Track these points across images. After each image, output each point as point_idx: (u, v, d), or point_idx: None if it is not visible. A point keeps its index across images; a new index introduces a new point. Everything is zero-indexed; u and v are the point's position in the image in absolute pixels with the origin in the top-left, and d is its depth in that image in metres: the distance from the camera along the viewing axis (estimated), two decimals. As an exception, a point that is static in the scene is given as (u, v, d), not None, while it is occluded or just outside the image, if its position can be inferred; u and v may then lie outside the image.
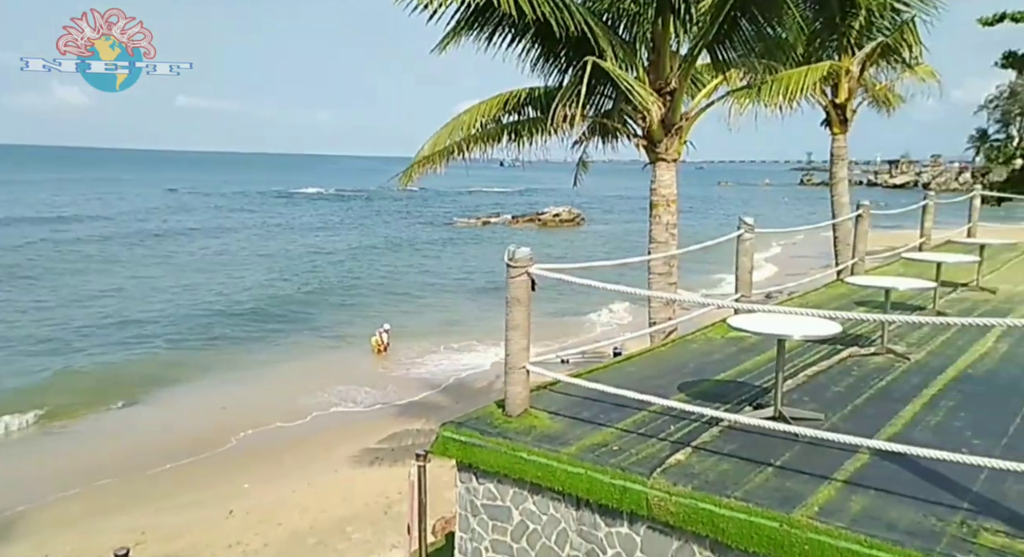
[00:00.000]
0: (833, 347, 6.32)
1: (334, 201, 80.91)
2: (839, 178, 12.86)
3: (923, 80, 12.38)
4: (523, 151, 8.60)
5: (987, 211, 37.76)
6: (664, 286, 8.45)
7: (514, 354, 4.59)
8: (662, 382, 5.46)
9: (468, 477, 4.51)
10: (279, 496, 11.57)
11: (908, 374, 5.62)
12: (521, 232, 54.38)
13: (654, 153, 8.44)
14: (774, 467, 3.91)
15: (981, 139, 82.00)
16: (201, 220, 55.40)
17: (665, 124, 8.26)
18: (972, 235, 13.89)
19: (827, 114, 12.48)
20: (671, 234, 8.52)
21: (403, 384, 17.43)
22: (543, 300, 24.34)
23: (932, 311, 7.58)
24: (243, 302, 26.17)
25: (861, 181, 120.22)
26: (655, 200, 8.56)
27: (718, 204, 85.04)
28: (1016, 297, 8.70)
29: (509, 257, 4.47)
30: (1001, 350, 6.30)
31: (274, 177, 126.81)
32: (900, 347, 6.29)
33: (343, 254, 39.58)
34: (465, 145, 8.55)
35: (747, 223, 6.91)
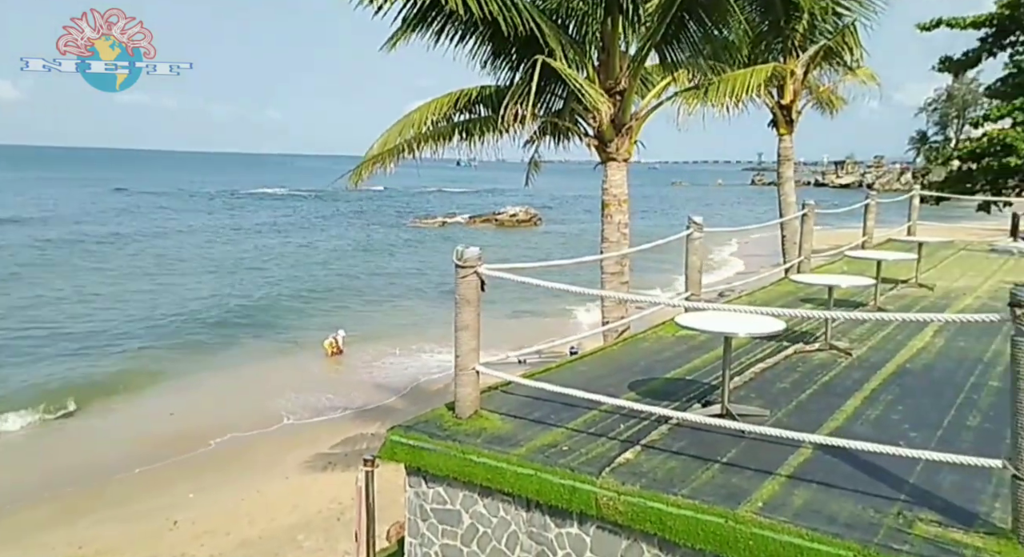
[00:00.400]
0: (779, 344, 6.44)
1: (288, 201, 79.66)
2: (786, 178, 13.17)
3: (864, 82, 12.76)
4: (475, 150, 8.57)
5: (927, 210, 39.04)
6: (617, 285, 8.52)
7: (464, 355, 4.55)
8: (613, 381, 5.49)
9: (417, 481, 4.46)
10: (227, 505, 11.32)
11: (850, 369, 5.75)
12: (478, 232, 54.31)
13: (605, 153, 8.50)
14: (720, 464, 3.95)
15: (921, 141, 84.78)
16: (150, 222, 53.91)
17: (615, 124, 8.33)
18: (912, 233, 14.34)
19: (774, 115, 12.76)
20: (623, 234, 8.60)
21: (357, 387, 17.24)
22: (528, 300, 24.47)
23: (873, 307, 7.80)
24: (192, 308, 25.57)
25: (809, 181, 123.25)
26: (607, 200, 8.62)
27: (674, 204, 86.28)
28: (952, 293, 9.00)
29: (458, 257, 4.44)
30: (938, 344, 6.51)
31: (225, 177, 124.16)
32: (843, 343, 6.45)
33: (296, 256, 39.01)
34: (415, 144, 8.49)
35: (696, 222, 7.00)
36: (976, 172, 29.96)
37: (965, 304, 8.35)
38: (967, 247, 13.36)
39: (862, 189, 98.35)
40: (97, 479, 12.23)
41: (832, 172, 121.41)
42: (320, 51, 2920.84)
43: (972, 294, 8.93)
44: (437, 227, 56.90)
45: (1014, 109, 28.13)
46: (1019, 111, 27.99)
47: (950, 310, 8.03)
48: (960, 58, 31.77)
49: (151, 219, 56.43)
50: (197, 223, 54.34)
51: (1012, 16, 28.18)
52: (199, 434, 14.09)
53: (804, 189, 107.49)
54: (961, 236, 31.98)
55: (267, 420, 15.00)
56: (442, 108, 8.52)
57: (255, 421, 14.84)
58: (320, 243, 45.05)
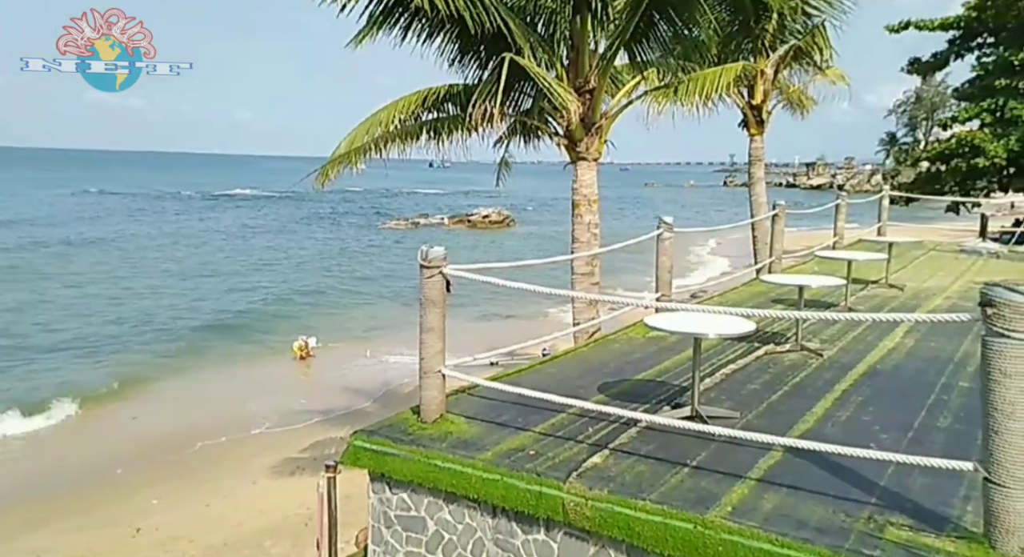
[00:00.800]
0: (750, 345, 6.39)
1: (261, 203, 78.66)
2: (757, 178, 13.19)
3: (834, 83, 12.81)
4: (443, 150, 8.44)
5: (897, 211, 39.59)
6: (587, 286, 8.44)
7: (429, 358, 4.43)
8: (583, 383, 5.40)
9: (381, 487, 4.33)
10: (191, 511, 11.07)
11: (821, 370, 5.71)
12: (451, 234, 54.04)
13: (575, 152, 8.42)
14: (690, 467, 3.87)
15: (891, 142, 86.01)
16: (120, 225, 52.83)
17: (585, 123, 8.24)
18: (882, 234, 14.46)
19: (744, 116, 12.78)
20: (593, 234, 8.52)
21: (328, 391, 17.00)
22: (501, 302, 24.38)
23: (844, 308, 7.80)
24: (160, 314, 25.09)
25: (781, 183, 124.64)
26: (577, 200, 8.53)
27: (648, 205, 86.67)
28: (922, 293, 9.05)
29: (423, 257, 4.32)
30: (908, 345, 6.50)
31: (196, 178, 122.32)
32: (814, 344, 6.42)
33: (267, 260, 38.52)
34: (382, 143, 8.33)
35: (666, 223, 6.94)
36: (945, 173, 30.35)
37: (935, 304, 8.38)
38: (937, 247, 13.50)
39: (833, 190, 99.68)
40: (61, 487, 11.91)
41: (803, 174, 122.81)
42: (294, 50, 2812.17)
43: (942, 294, 8.98)
44: (409, 229, 56.55)
45: (982, 111, 28.51)
46: (987, 112, 28.38)
47: (920, 310, 8.06)
48: (928, 60, 32.18)
49: (121, 222, 55.31)
50: (169, 227, 53.21)
51: (979, 18, 28.60)
52: (166, 440, 13.79)
53: (776, 190, 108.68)
54: (931, 236, 32.39)
55: (235, 425, 14.72)
56: (410, 106, 8.37)
57: (222, 426, 14.55)
58: (291, 246, 44.48)
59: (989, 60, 29.99)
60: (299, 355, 19.80)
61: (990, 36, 30.40)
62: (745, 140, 13.30)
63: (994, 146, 27.00)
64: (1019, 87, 26.43)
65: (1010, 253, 12.74)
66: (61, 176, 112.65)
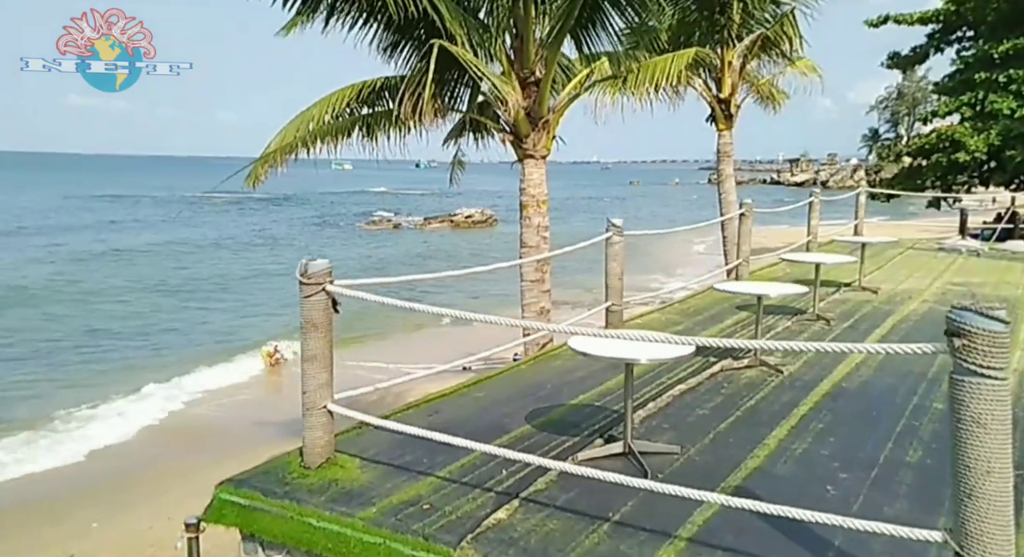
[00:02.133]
0: (705, 360, 5.78)
1: (245, 205, 77.06)
2: (726, 175, 12.55)
3: (805, 74, 12.21)
4: (377, 147, 7.78)
5: (878, 207, 39.30)
6: (537, 294, 7.81)
7: (312, 391, 3.77)
8: (511, 409, 4.75)
9: (253, 548, 3.66)
10: (133, 533, 10.32)
11: (780, 390, 5.10)
12: (432, 235, 53.26)
13: (521, 149, 7.79)
14: (612, 522, 3.24)
15: (873, 138, 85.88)
16: (111, 233, 51.36)
17: (531, 117, 7.61)
18: (859, 232, 13.90)
19: (712, 110, 12.16)
20: (543, 237, 7.88)
21: (290, 401, 16.24)
22: (478, 304, 23.68)
23: (812, 315, 7.20)
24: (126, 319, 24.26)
25: (765, 179, 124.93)
26: (524, 201, 7.89)
27: (633, 203, 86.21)
28: (897, 296, 8.47)
29: (301, 272, 3.66)
30: (878, 358, 5.90)
31: (175, 181, 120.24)
32: (774, 358, 5.81)
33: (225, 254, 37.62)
34: (311, 140, 7.64)
35: (615, 225, 6.31)
36: (925, 169, 30.00)
37: (910, 309, 7.81)
38: (915, 246, 12.97)
39: (816, 186, 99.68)
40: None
41: (787, 170, 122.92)
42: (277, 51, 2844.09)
43: (918, 297, 8.41)
44: (388, 230, 55.76)
45: (962, 105, 28.14)
46: (967, 107, 28.00)
47: (895, 316, 7.48)
48: (908, 54, 31.81)
49: (112, 229, 53.78)
50: (157, 237, 51.42)
51: (958, 12, 28.23)
52: (112, 456, 13.02)
53: (760, 187, 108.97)
54: (911, 233, 31.98)
55: (193, 437, 13.95)
56: (344, 101, 7.70)
57: (179, 439, 13.79)
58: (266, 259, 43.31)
59: (969, 54, 29.65)
60: (269, 362, 18.97)
61: (969, 30, 30.05)
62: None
63: (974, 140, 26.64)
64: (999, 81, 26.04)
65: (990, 251, 12.22)
66: (48, 178, 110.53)
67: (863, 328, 6.92)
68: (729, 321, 7.20)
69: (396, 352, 19.37)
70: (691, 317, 7.43)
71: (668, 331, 6.80)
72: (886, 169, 56.38)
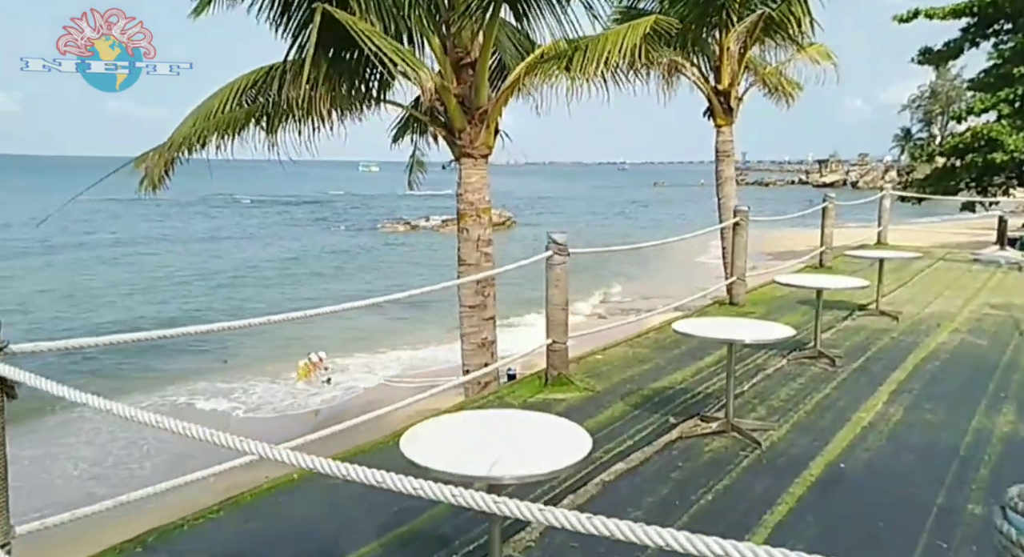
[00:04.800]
0: (663, 419, 4.43)
1: (275, 208, 76.27)
2: (725, 177, 11.05)
3: (817, 62, 10.67)
4: (276, 144, 6.52)
5: (909, 209, 37.27)
6: (478, 323, 6.50)
7: None
8: (334, 526, 3.45)
9: None
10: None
11: (753, 472, 3.73)
12: (447, 237, 52.06)
13: (457, 146, 6.49)
14: None
15: (905, 138, 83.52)
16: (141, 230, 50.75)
17: (466, 107, 6.31)
18: (883, 239, 12.43)
19: (709, 103, 10.70)
20: (484, 253, 6.56)
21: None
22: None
23: (814, 350, 5.78)
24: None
25: (794, 180, 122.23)
26: (462, 209, 6.58)
27: (654, 207, 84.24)
28: (923, 324, 7.01)
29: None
30: (894, 418, 4.50)
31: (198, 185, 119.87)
32: (751, 419, 4.45)
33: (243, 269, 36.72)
34: (206, 136, 6.39)
35: (556, 243, 4.97)
36: (959, 169, 28.16)
37: (938, 342, 6.35)
38: (946, 257, 11.40)
39: (845, 187, 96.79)
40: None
41: (816, 171, 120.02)
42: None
43: (949, 325, 6.94)
44: (406, 232, 54.76)
45: (999, 101, 26.30)
46: (1005, 103, 26.16)
47: (919, 351, 6.04)
48: (941, 49, 29.99)
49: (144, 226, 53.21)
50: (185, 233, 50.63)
51: (994, 3, 26.38)
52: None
53: (788, 188, 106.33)
54: (946, 237, 30.06)
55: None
56: (241, 89, 6.43)
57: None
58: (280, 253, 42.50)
59: (1007, 47, 27.80)
60: (303, 374, 17.19)
61: (1007, 22, 28.22)
62: (759, 136, 11.33)
63: (1013, 139, 24.84)
64: (1040, 75, 24.24)
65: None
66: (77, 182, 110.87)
67: (876, 370, 5.50)
68: (709, 359, 5.80)
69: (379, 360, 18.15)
70: (663, 352, 6.05)
71: (627, 373, 5.45)
72: (919, 169, 54.22)
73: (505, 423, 2.75)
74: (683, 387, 5.13)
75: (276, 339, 19.80)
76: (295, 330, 19.35)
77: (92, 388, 2.28)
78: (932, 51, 30.81)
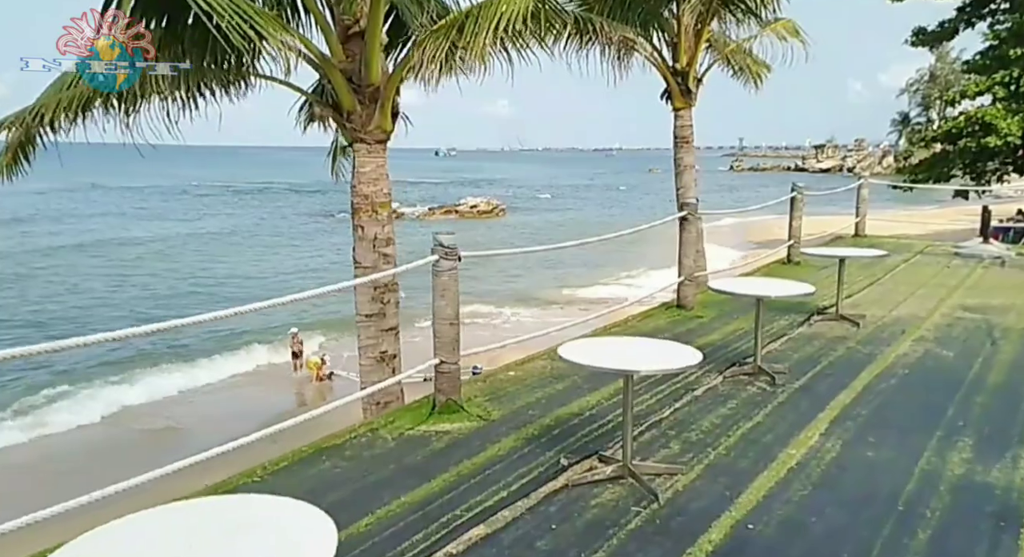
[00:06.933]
0: (557, 459, 3.73)
1: (269, 196, 74.96)
2: (685, 166, 10.20)
3: (784, 39, 9.85)
4: (131, 126, 5.72)
5: (901, 196, 36.51)
6: (375, 334, 5.78)
7: None
8: None
9: None
10: None
11: (642, 541, 3.02)
12: (435, 225, 51.04)
13: (348, 129, 5.74)
14: None
15: (903, 123, 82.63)
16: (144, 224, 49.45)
17: (356, 85, 5.55)
18: (860, 231, 11.69)
19: (667, 84, 9.88)
20: (382, 254, 5.81)
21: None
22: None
23: (753, 367, 5.07)
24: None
25: (790, 166, 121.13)
26: (356, 203, 5.83)
27: (647, 191, 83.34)
28: (886, 330, 6.29)
29: None
30: (831, 454, 3.79)
31: (188, 172, 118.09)
32: (660, 458, 3.74)
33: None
34: (46, 113, 5.56)
35: (444, 245, 4.23)
36: (952, 155, 27.37)
37: (899, 353, 5.63)
38: (926, 250, 10.66)
39: (842, 173, 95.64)
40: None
41: (812, 156, 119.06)
42: None
43: (915, 332, 6.22)
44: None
45: (994, 84, 25.46)
46: (1000, 86, 25.32)
47: (875, 364, 5.33)
48: (935, 30, 29.11)
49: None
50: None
51: (991, -19, 25.53)
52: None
53: (783, 174, 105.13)
54: (936, 226, 29.26)
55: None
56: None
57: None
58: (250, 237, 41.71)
59: (1003, 27, 26.94)
60: (315, 375, 16.49)
61: (1004, 1, 27.37)
62: (756, 120, 10.58)
63: (1007, 123, 24.02)
64: (1036, 57, 23.41)
65: (1018, 257, 9.89)
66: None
67: (821, 390, 4.79)
68: (610, 388, 4.92)
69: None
70: (570, 375, 5.22)
71: (535, 395, 4.73)
72: (916, 154, 53.43)
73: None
74: (593, 414, 4.42)
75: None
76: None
77: None
78: (926, 32, 29.95)
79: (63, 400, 15.16)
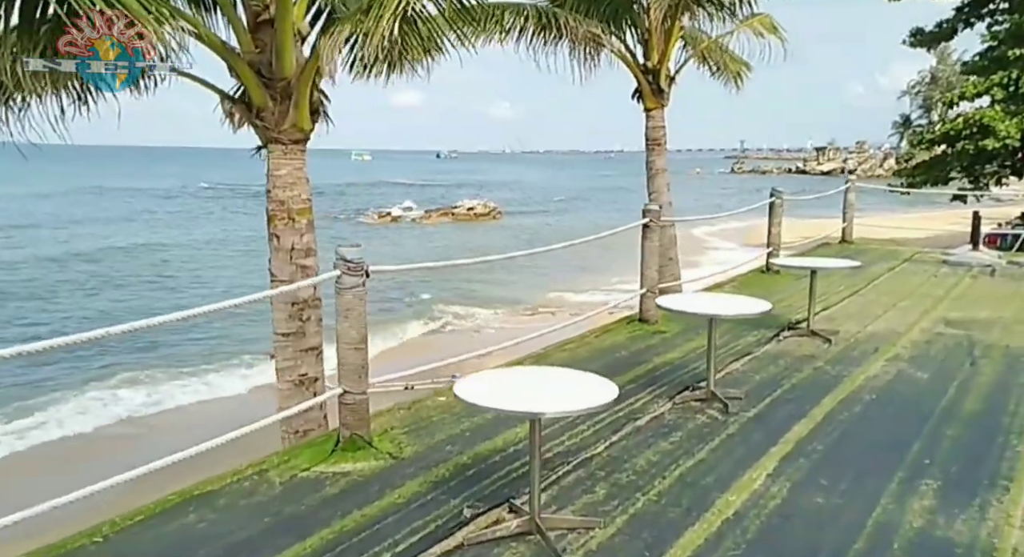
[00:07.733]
0: (461, 509, 3.26)
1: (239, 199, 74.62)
2: (657, 169, 9.72)
3: (761, 35, 9.37)
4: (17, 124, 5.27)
5: (904, 198, 36.03)
6: (294, 355, 5.31)
7: None
8: None
9: None
10: None
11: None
12: (430, 229, 50.58)
13: (261, 128, 5.28)
14: None
15: (904, 125, 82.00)
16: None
17: (267, 78, 5.08)
18: (847, 236, 11.21)
19: (637, 82, 9.40)
20: (300, 266, 5.34)
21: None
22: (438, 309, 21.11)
23: (706, 391, 4.60)
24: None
25: (791, 168, 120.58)
26: (272, 209, 5.35)
27: (640, 194, 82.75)
28: (859, 348, 5.81)
29: None
30: (770, 504, 3.32)
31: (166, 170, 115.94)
32: (579, 507, 3.27)
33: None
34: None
35: (347, 260, 3.77)
36: (950, 157, 26.92)
37: (869, 374, 5.15)
38: (914, 257, 10.16)
39: (844, 175, 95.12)
40: None
41: (814, 158, 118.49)
42: None
43: (889, 349, 5.74)
44: (385, 224, 53.25)
45: (992, 85, 24.99)
46: (998, 87, 24.84)
47: (840, 389, 4.85)
48: (933, 30, 28.69)
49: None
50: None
51: (989, -20, 25.09)
52: None
53: (784, 177, 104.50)
54: (932, 231, 28.73)
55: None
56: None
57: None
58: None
59: (1002, 28, 26.49)
60: None
61: (1003, 1, 26.94)
62: (759, 123, 10.27)
63: (1006, 125, 23.56)
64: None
65: (1009, 265, 9.40)
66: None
67: (778, 420, 4.32)
68: None
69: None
70: None
71: (459, 427, 4.25)
72: (918, 157, 52.89)
73: None
74: (518, 450, 3.94)
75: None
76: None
77: None
78: (924, 32, 29.55)
79: None
